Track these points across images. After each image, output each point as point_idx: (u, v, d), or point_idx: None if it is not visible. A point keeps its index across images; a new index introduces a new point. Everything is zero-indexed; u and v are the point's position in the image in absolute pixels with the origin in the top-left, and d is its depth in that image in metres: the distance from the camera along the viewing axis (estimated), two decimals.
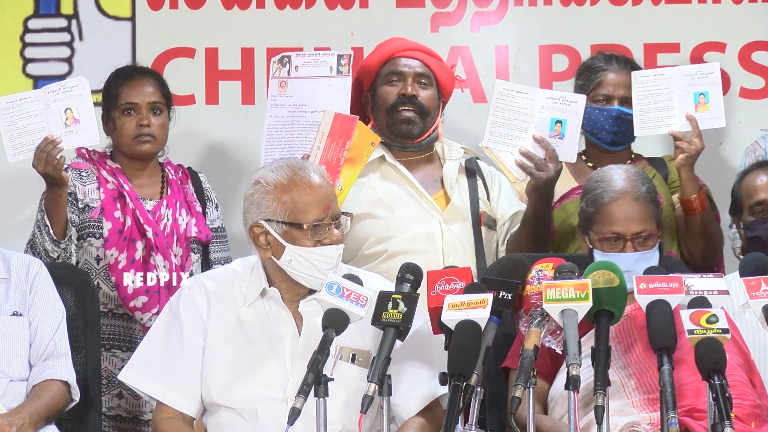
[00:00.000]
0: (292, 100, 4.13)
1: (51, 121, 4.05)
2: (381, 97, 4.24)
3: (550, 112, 4.07)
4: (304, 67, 4.14)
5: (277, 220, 3.30)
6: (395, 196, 4.19)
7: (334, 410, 3.08)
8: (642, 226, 3.53)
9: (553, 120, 4.07)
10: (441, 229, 4.15)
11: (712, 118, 4.15)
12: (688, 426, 3.19)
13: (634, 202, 3.55)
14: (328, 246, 3.29)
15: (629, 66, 4.41)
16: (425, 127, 4.23)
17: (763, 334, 3.89)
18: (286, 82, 4.10)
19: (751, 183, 4.18)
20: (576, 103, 4.09)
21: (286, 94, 4.12)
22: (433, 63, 4.28)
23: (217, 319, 3.38)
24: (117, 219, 4.26)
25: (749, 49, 5.05)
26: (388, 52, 4.27)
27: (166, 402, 3.37)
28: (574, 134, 4.08)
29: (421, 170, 4.27)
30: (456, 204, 4.19)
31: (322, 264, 3.30)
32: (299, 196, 3.29)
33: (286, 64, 4.14)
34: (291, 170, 3.33)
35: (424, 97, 4.22)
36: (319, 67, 4.13)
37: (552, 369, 3.48)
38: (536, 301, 3.12)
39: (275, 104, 4.14)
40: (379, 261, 4.08)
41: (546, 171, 4.04)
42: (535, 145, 4.07)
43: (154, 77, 4.43)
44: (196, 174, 4.52)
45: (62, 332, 3.73)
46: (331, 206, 3.31)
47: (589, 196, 3.63)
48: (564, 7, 5.08)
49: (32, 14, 5.11)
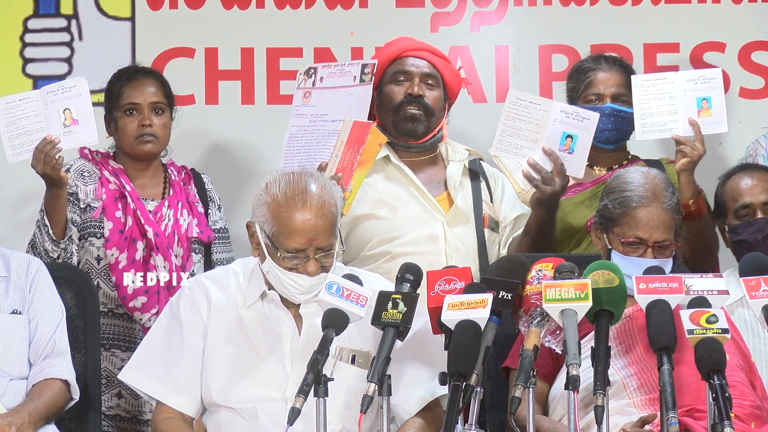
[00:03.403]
0: (315, 110, 4.12)
1: (50, 121, 4.05)
2: (387, 96, 4.23)
3: (562, 126, 4.03)
4: (329, 77, 4.13)
5: (264, 230, 3.29)
6: (398, 197, 4.18)
7: (333, 410, 3.09)
8: (665, 235, 3.54)
9: (564, 134, 4.02)
10: (444, 231, 4.14)
11: (714, 123, 4.14)
12: (688, 426, 3.20)
13: (663, 211, 3.55)
14: (301, 274, 3.28)
15: (618, 64, 4.42)
16: (430, 127, 4.23)
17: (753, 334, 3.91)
18: (310, 92, 4.10)
19: (735, 186, 4.15)
20: (589, 120, 4.03)
21: (309, 104, 4.12)
22: (440, 64, 4.28)
23: (217, 319, 3.38)
24: (118, 219, 4.27)
25: (749, 49, 5.05)
26: (396, 51, 4.27)
27: (165, 402, 3.37)
28: (583, 150, 4.03)
29: (424, 171, 4.27)
30: (459, 206, 4.19)
31: (292, 288, 3.30)
32: (287, 221, 3.25)
33: (312, 76, 4.14)
34: (293, 190, 3.28)
35: (431, 97, 4.22)
36: (344, 77, 4.12)
37: (552, 369, 3.48)
38: (536, 301, 3.12)
39: (298, 114, 4.13)
40: (382, 261, 4.08)
41: (552, 185, 4.01)
42: (544, 157, 4.03)
43: (156, 77, 4.44)
44: (199, 175, 4.52)
45: (62, 331, 3.73)
46: (316, 239, 3.25)
47: (616, 196, 3.61)
48: (564, 7, 5.08)
49: (32, 14, 5.11)
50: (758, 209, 4.10)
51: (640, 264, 3.41)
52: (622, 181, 3.64)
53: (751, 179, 4.15)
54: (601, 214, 3.65)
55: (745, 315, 3.92)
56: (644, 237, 3.54)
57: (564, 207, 4.27)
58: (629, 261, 3.46)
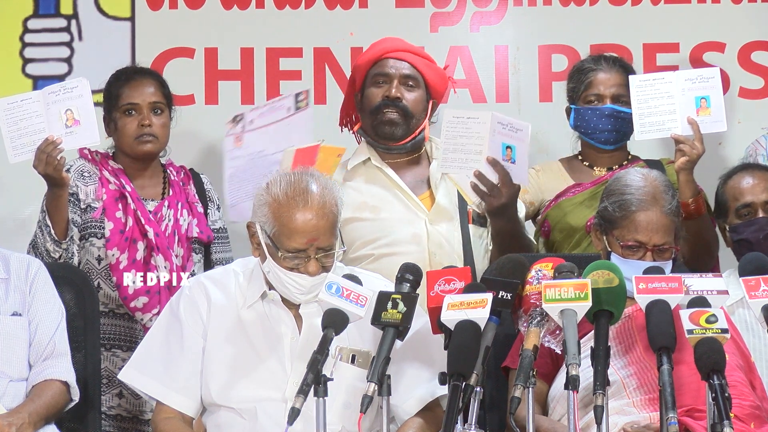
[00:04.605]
0: (249, 150, 4.06)
1: (51, 122, 4.05)
2: (367, 98, 4.22)
3: (500, 137, 3.93)
4: (260, 118, 4.08)
5: (265, 230, 3.30)
6: (380, 199, 4.17)
7: (333, 410, 3.09)
8: (665, 238, 3.54)
9: (504, 144, 3.95)
10: (427, 230, 4.13)
11: (713, 122, 4.14)
12: (687, 426, 3.20)
13: (662, 214, 3.54)
14: (302, 274, 3.29)
15: (618, 64, 4.42)
16: (409, 130, 4.20)
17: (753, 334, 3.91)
18: (240, 137, 4.04)
19: (736, 186, 4.15)
20: (521, 131, 3.92)
21: (242, 147, 4.06)
22: (422, 64, 4.24)
23: (217, 319, 3.38)
24: (118, 219, 4.27)
25: (748, 49, 5.05)
26: (377, 53, 4.25)
27: (165, 402, 3.37)
28: (523, 159, 3.92)
29: (408, 171, 4.25)
30: (441, 203, 4.17)
31: (293, 288, 3.30)
32: (287, 221, 3.25)
33: (240, 121, 4.07)
34: (294, 190, 3.28)
35: (410, 99, 4.19)
36: (275, 112, 4.07)
37: (552, 370, 3.48)
38: (536, 301, 3.12)
39: (233, 157, 4.07)
40: (366, 263, 4.04)
41: (497, 198, 3.94)
42: (489, 168, 3.95)
43: (155, 77, 4.44)
44: (198, 175, 4.52)
45: (62, 332, 3.73)
46: (317, 239, 3.25)
47: (615, 199, 3.60)
48: (563, 7, 5.09)
49: (32, 14, 5.11)
50: (759, 208, 4.11)
51: (639, 267, 3.40)
52: (622, 183, 3.63)
53: (752, 178, 4.15)
54: (601, 216, 3.65)
55: (745, 315, 3.92)
56: (643, 240, 3.54)
57: (564, 207, 4.27)
58: (628, 264, 3.45)
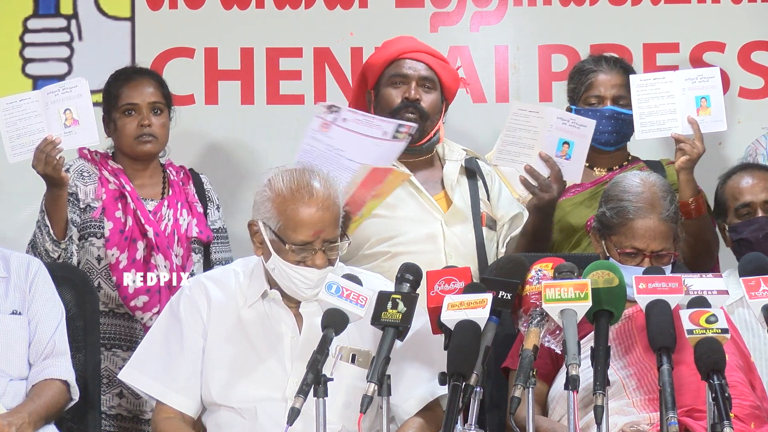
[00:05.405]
0: (332, 142, 3.96)
1: (50, 121, 4.05)
2: (384, 98, 4.21)
3: (558, 132, 4.01)
4: (354, 122, 3.96)
5: (269, 226, 3.30)
6: (397, 196, 4.17)
7: (333, 410, 3.09)
8: (663, 244, 3.54)
9: (561, 140, 4.00)
10: (443, 231, 4.14)
11: (714, 121, 4.15)
12: (687, 426, 3.20)
13: (660, 221, 3.54)
14: (309, 267, 3.29)
15: (619, 65, 4.42)
16: (424, 132, 4.21)
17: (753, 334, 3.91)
18: (330, 125, 3.93)
19: (735, 185, 4.15)
20: (585, 126, 4.01)
21: (327, 135, 3.94)
22: (438, 65, 4.25)
23: (217, 319, 3.38)
24: (118, 219, 4.27)
25: (748, 49, 5.05)
26: (394, 53, 4.24)
27: (165, 401, 3.37)
28: (580, 157, 4.01)
29: (422, 171, 4.26)
30: (457, 205, 4.18)
31: (300, 282, 3.30)
32: (293, 214, 3.27)
33: (335, 113, 3.96)
34: (297, 183, 3.30)
35: (427, 101, 4.19)
36: (370, 128, 3.95)
37: (552, 370, 3.48)
38: (536, 301, 3.12)
39: (314, 137, 3.95)
40: (381, 261, 4.06)
41: (549, 192, 4.01)
42: (541, 163, 4.02)
43: (154, 77, 4.44)
44: (198, 175, 4.52)
45: (62, 331, 3.73)
46: (323, 231, 3.27)
47: (613, 205, 3.60)
48: (563, 7, 5.08)
49: (31, 14, 5.11)
50: (759, 208, 4.10)
51: (637, 273, 3.40)
52: (620, 188, 3.62)
53: (751, 178, 4.15)
54: (599, 221, 3.65)
55: (745, 315, 3.92)
56: (641, 247, 3.53)
57: (563, 207, 4.27)
58: (627, 270, 3.43)
